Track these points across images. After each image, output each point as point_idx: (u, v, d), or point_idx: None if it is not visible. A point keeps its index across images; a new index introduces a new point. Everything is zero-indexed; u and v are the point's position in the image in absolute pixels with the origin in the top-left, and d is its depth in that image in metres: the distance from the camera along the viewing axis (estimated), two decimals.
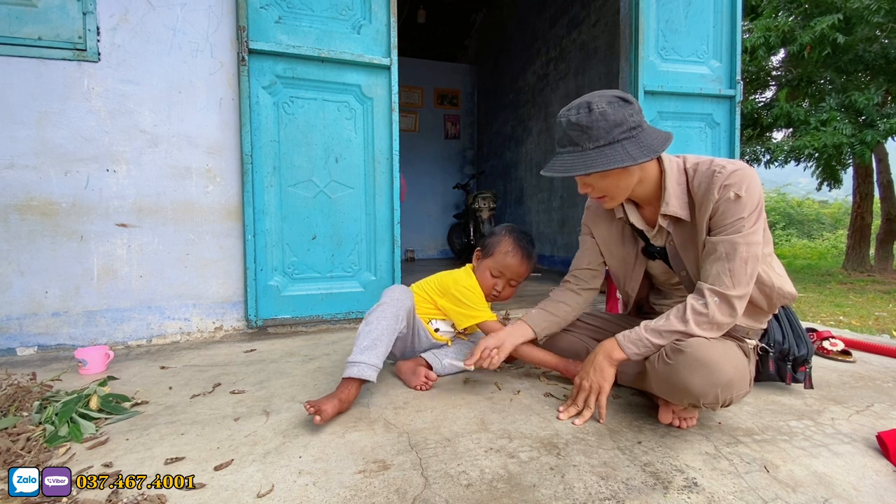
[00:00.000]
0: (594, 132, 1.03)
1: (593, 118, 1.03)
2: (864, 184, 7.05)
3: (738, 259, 1.04)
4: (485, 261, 1.46)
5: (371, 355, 1.22)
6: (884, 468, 0.97)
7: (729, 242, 1.05)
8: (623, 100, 1.05)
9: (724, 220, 1.06)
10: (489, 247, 1.46)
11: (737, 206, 1.04)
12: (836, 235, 13.36)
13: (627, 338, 1.13)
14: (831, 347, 1.75)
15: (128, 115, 1.94)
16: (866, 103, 5.01)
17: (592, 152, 1.03)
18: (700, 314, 1.05)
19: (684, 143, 2.80)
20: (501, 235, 1.46)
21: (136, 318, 1.98)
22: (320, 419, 1.09)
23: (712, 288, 1.05)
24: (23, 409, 1.20)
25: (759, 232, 1.06)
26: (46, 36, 1.81)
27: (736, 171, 1.06)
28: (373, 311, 1.30)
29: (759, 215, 1.06)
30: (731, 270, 1.04)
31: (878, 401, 1.33)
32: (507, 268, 1.44)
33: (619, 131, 1.03)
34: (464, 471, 0.94)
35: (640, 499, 0.85)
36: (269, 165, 2.11)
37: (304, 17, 2.14)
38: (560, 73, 4.76)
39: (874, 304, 4.21)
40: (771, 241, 1.18)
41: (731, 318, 1.06)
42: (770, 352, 1.27)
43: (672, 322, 1.07)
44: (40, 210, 1.84)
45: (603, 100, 1.04)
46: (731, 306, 1.05)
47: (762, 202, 1.07)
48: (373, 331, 1.25)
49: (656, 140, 1.06)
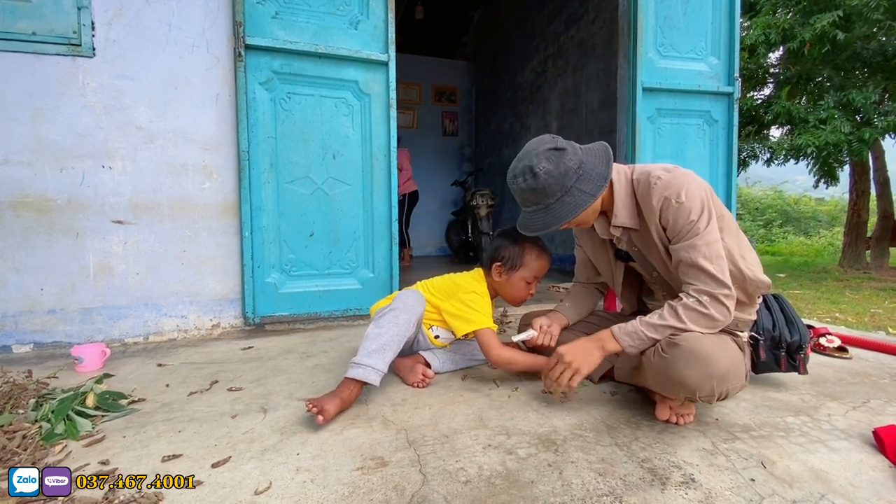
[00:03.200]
0: (548, 190, 1.12)
1: (540, 181, 1.11)
2: (861, 181, 7.07)
3: (706, 262, 1.08)
4: (516, 273, 1.45)
5: (378, 360, 1.22)
6: (880, 464, 0.97)
7: (691, 247, 1.09)
8: (556, 150, 1.13)
9: (677, 228, 1.11)
10: (513, 259, 1.44)
11: (681, 212, 1.09)
12: (833, 233, 13.40)
13: (623, 329, 1.15)
14: (828, 344, 1.76)
15: (123, 111, 1.92)
16: (864, 101, 5.02)
17: (555, 205, 1.13)
18: (693, 311, 1.08)
19: (682, 141, 2.80)
20: (520, 245, 1.44)
21: (133, 316, 1.97)
22: (322, 419, 1.08)
23: (699, 289, 1.09)
24: (19, 407, 1.19)
25: (715, 229, 1.10)
26: (41, 31, 1.80)
27: (671, 180, 1.12)
28: (385, 315, 1.30)
29: (709, 214, 1.11)
30: (708, 272, 1.08)
31: (875, 397, 1.34)
32: (541, 270, 1.48)
33: (569, 179, 1.11)
34: (462, 467, 0.94)
35: (637, 495, 0.85)
36: (266, 162, 2.10)
37: (301, 13, 2.13)
38: (558, 70, 4.74)
39: (870, 301, 4.23)
40: (737, 233, 1.22)
41: (726, 316, 1.09)
42: (760, 339, 1.28)
43: (666, 318, 1.10)
44: (35, 207, 1.82)
45: (542, 160, 1.12)
46: (721, 304, 1.08)
47: (708, 200, 1.12)
48: (383, 335, 1.25)
49: (600, 166, 1.14)
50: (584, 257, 1.51)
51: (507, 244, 1.46)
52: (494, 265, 1.47)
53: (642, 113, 2.66)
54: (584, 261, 1.51)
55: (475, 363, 1.58)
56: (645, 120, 2.69)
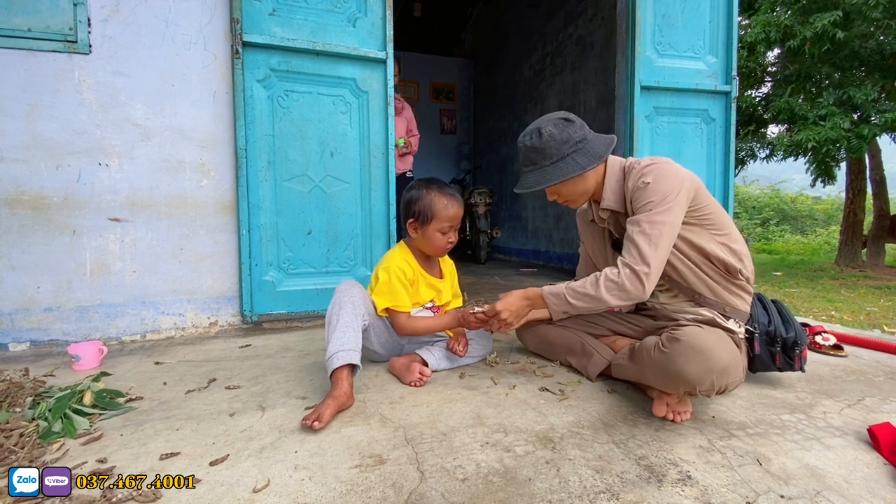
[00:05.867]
0: (547, 151, 1.25)
1: (544, 140, 1.24)
2: (857, 180, 7.10)
3: (641, 237, 1.15)
4: (429, 226, 1.44)
5: (345, 341, 1.23)
6: (874, 461, 0.98)
7: (635, 222, 1.19)
8: (566, 120, 1.26)
9: (637, 205, 1.21)
10: (422, 213, 1.43)
11: (645, 192, 1.18)
12: (829, 231, 13.47)
13: (550, 290, 1.29)
14: (823, 342, 1.76)
15: (120, 108, 1.91)
16: (864, 98, 5.04)
17: (549, 168, 1.25)
18: (611, 281, 1.18)
19: (680, 139, 2.80)
20: (427, 195, 1.43)
21: (130, 314, 1.96)
22: (320, 424, 1.07)
23: (623, 261, 1.17)
24: (16, 405, 1.19)
25: (670, 215, 1.15)
26: (36, 27, 1.78)
27: (650, 164, 1.22)
28: (329, 312, 1.32)
29: (674, 201, 1.16)
30: (639, 247, 1.15)
31: (870, 395, 1.34)
32: (452, 219, 1.45)
33: (567, 147, 1.24)
34: (460, 465, 0.94)
35: (634, 492, 0.85)
36: (263, 159, 2.09)
37: (299, 10, 2.12)
38: (556, 68, 4.74)
39: (866, 300, 4.25)
40: (729, 226, 1.27)
41: (640, 292, 1.16)
42: (755, 332, 1.29)
43: (587, 286, 1.22)
44: (31, 204, 1.81)
45: (549, 124, 1.25)
46: (639, 279, 1.15)
47: (679, 189, 1.17)
48: (336, 324, 1.27)
49: (601, 147, 1.27)
50: (586, 255, 1.56)
51: (415, 199, 1.45)
52: (408, 223, 1.47)
53: (640, 111, 2.66)
54: (586, 258, 1.56)
55: (472, 360, 1.58)
56: (643, 118, 2.69)
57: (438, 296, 1.57)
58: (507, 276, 4.18)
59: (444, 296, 1.59)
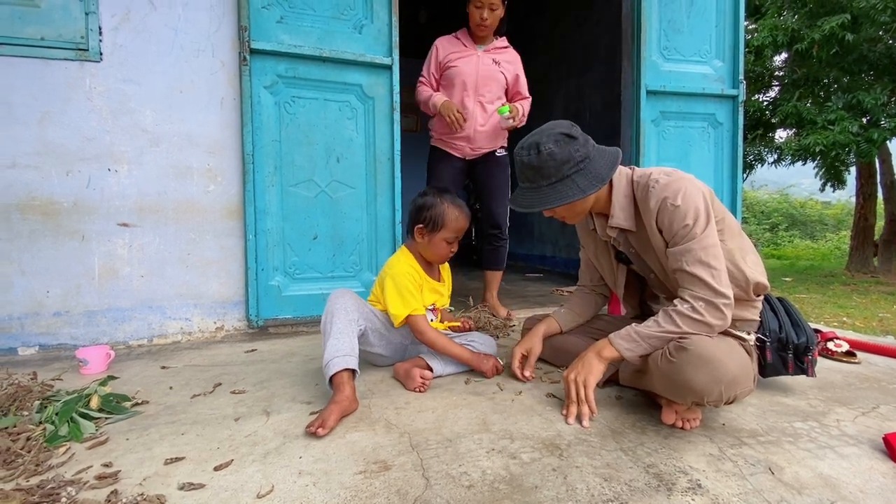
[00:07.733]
0: (545, 171, 1.13)
1: (542, 159, 1.12)
2: (868, 185, 7.02)
3: (703, 269, 1.08)
4: (437, 234, 1.48)
5: (339, 347, 1.23)
6: (890, 470, 0.96)
7: (687, 251, 1.10)
8: (568, 136, 1.13)
9: (673, 231, 1.12)
10: (433, 220, 1.46)
11: (677, 215, 1.10)
12: (839, 236, 13.30)
13: (619, 335, 1.16)
14: (836, 349, 1.73)
15: (129, 115, 1.94)
16: (873, 102, 5.00)
17: (546, 189, 1.14)
18: (687, 317, 1.09)
19: (687, 144, 2.79)
20: (441, 204, 1.47)
21: (138, 318, 1.98)
22: (324, 430, 1.06)
23: (695, 294, 1.09)
24: (23, 409, 1.19)
25: (712, 234, 1.10)
26: (49, 36, 1.81)
27: (668, 183, 1.13)
28: (322, 322, 1.34)
29: (707, 218, 1.11)
30: (704, 280, 1.08)
31: (884, 402, 1.32)
32: (459, 230, 1.50)
33: (568, 167, 1.12)
34: (465, 472, 0.93)
35: (643, 501, 0.84)
36: (270, 165, 2.10)
37: (306, 17, 2.14)
38: (561, 74, 4.75)
39: (878, 306, 4.19)
40: (740, 236, 1.22)
41: (722, 321, 1.09)
42: (766, 341, 1.26)
43: (662, 324, 1.11)
44: (42, 210, 1.84)
45: (550, 140, 1.13)
46: (717, 309, 1.08)
47: (706, 204, 1.12)
48: (330, 332, 1.28)
49: (604, 167, 1.15)
50: (587, 260, 1.52)
51: (427, 206, 1.48)
52: (417, 227, 1.49)
53: (646, 116, 2.66)
54: (588, 263, 1.52)
55: None
56: (649, 123, 2.68)
57: (440, 299, 1.61)
58: (514, 281, 4.17)
59: (445, 299, 1.63)
